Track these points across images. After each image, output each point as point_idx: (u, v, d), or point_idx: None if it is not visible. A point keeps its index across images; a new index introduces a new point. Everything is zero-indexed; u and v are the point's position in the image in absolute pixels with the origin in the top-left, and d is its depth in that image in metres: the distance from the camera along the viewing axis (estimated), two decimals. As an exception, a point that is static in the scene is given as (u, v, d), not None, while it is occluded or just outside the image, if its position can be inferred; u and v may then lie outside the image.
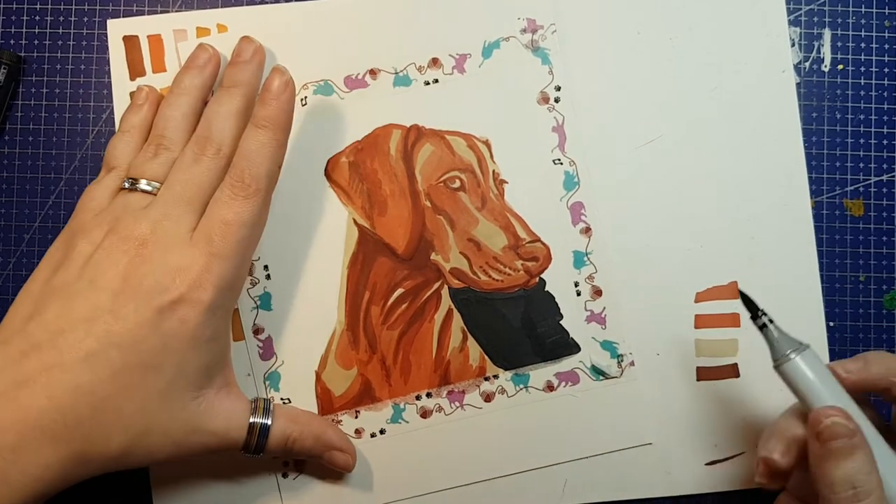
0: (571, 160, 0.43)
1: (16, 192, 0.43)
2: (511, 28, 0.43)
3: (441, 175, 0.42)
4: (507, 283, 0.42)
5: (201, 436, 0.36)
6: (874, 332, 0.44)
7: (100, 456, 0.34)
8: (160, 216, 0.36)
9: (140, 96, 0.40)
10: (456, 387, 0.42)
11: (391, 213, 0.42)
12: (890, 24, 0.44)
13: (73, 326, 0.34)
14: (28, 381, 0.33)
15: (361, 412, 0.42)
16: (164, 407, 0.35)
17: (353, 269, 0.42)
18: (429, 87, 0.43)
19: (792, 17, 0.43)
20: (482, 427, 0.42)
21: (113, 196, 0.38)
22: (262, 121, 0.37)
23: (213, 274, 0.35)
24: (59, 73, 0.43)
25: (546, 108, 0.43)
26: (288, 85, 0.38)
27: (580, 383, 0.42)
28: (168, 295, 0.35)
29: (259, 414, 0.38)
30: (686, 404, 0.42)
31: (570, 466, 0.42)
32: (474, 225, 0.42)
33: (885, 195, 0.44)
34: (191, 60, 0.40)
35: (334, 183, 0.42)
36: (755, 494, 0.43)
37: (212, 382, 0.37)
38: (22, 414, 0.33)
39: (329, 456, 0.40)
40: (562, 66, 0.43)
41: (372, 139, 0.42)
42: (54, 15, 0.43)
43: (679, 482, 0.42)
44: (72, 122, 0.43)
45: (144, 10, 0.43)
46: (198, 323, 0.35)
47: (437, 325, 0.42)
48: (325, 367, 0.42)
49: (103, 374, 0.34)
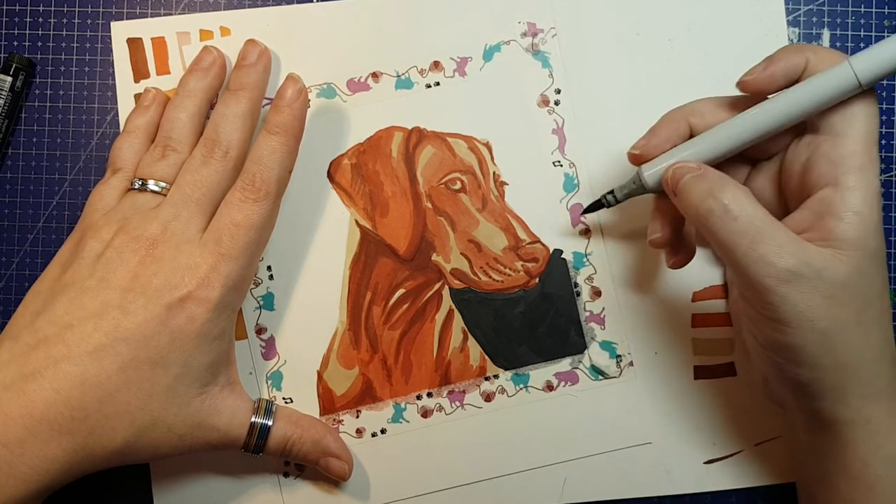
0: (571, 162, 0.43)
1: (20, 192, 0.43)
2: (511, 31, 0.43)
3: (442, 177, 0.43)
4: (507, 283, 0.43)
5: (204, 431, 0.37)
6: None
7: (105, 449, 0.35)
8: (170, 216, 0.37)
9: (147, 98, 0.41)
10: (456, 386, 0.42)
11: (393, 215, 0.43)
12: (889, 23, 0.44)
13: (81, 321, 0.34)
14: (35, 374, 0.34)
15: (363, 412, 0.42)
16: (169, 402, 0.35)
17: (355, 269, 0.42)
18: (430, 90, 0.43)
19: (791, 18, 0.44)
20: (482, 427, 0.42)
21: (121, 196, 0.38)
22: (275, 127, 0.38)
23: (221, 273, 0.36)
24: (63, 74, 0.43)
25: (546, 110, 0.43)
26: (301, 93, 0.39)
27: (579, 383, 0.42)
28: (177, 292, 0.35)
29: (260, 414, 0.39)
30: (684, 403, 0.43)
31: (570, 465, 0.42)
32: (475, 226, 0.43)
33: (884, 195, 0.44)
34: (196, 63, 0.41)
35: (337, 184, 0.43)
36: (754, 493, 0.43)
37: (216, 380, 0.37)
38: (29, 407, 0.33)
39: (325, 462, 0.40)
40: (562, 69, 0.43)
41: (374, 141, 0.43)
42: (58, 17, 0.44)
43: (678, 481, 0.43)
44: (76, 124, 0.43)
45: (148, 13, 0.43)
46: (205, 320, 0.35)
47: (437, 326, 0.42)
48: (326, 367, 0.42)
49: (111, 368, 0.34)
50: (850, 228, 0.31)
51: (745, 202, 0.32)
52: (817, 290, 0.31)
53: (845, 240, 0.32)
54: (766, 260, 0.31)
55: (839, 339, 0.32)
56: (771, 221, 0.32)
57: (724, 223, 0.32)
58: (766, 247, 0.31)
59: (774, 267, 0.31)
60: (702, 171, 0.34)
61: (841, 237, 0.32)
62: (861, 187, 0.32)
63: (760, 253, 0.31)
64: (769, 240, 0.31)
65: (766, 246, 0.31)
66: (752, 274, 0.32)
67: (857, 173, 0.32)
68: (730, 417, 0.43)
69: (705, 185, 0.33)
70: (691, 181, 0.33)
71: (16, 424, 0.33)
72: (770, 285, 0.31)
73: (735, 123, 0.35)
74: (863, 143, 0.32)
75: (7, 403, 0.33)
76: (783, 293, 0.31)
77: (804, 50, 0.34)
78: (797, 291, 0.31)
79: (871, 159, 0.32)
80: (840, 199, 0.32)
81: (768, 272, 0.31)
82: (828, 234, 0.32)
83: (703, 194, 0.33)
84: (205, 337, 0.36)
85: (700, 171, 0.34)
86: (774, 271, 0.31)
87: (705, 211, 0.32)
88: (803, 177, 0.33)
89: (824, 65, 0.33)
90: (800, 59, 0.33)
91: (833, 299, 0.31)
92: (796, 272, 0.31)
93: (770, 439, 0.43)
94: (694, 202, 0.33)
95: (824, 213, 0.32)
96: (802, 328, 0.32)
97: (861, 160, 0.32)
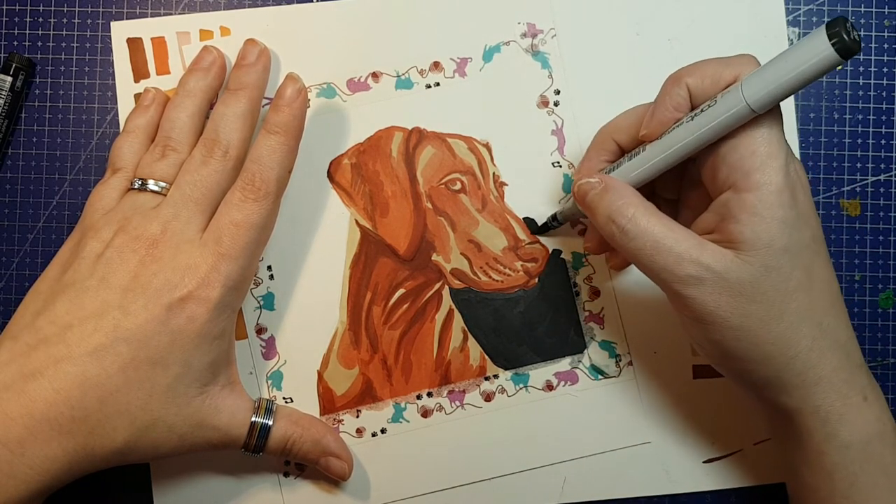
0: (570, 163, 0.43)
1: (20, 192, 0.43)
2: (511, 32, 0.43)
3: (442, 177, 0.43)
4: (507, 283, 0.43)
5: (205, 431, 0.37)
6: (869, 332, 0.44)
7: (105, 449, 0.35)
8: (170, 216, 0.37)
9: (147, 98, 0.41)
10: (456, 386, 0.42)
11: (393, 215, 0.43)
12: (889, 23, 0.44)
13: (81, 321, 0.34)
14: (36, 374, 0.34)
15: (363, 411, 0.42)
16: (169, 401, 0.35)
17: (356, 269, 0.43)
18: (430, 91, 0.43)
19: (791, 18, 0.44)
20: (482, 426, 0.42)
21: (121, 196, 0.38)
22: (275, 126, 0.38)
23: (220, 273, 0.36)
24: (63, 74, 0.43)
25: (546, 111, 0.43)
26: (300, 93, 0.39)
27: (579, 383, 0.43)
28: (177, 292, 0.35)
29: (261, 414, 0.39)
30: (683, 403, 0.43)
31: (569, 465, 0.42)
32: (475, 226, 0.43)
33: (882, 195, 0.44)
34: (196, 63, 0.41)
35: (337, 184, 0.43)
36: (753, 492, 0.43)
37: (216, 379, 0.37)
38: (30, 406, 0.33)
39: (325, 462, 0.40)
40: (561, 70, 0.43)
41: (374, 141, 0.43)
42: (58, 17, 0.44)
43: (677, 480, 0.43)
44: (76, 124, 0.43)
45: (148, 13, 0.43)
46: (205, 320, 0.36)
47: (437, 325, 0.43)
48: (326, 367, 0.42)
49: (111, 368, 0.34)
50: (748, 230, 0.32)
51: (641, 219, 0.34)
52: (723, 290, 0.33)
53: (744, 241, 0.32)
54: (666, 269, 0.33)
55: (758, 334, 0.33)
56: (669, 231, 0.33)
57: (624, 243, 0.34)
58: (663, 259, 0.33)
59: (675, 275, 0.33)
60: (602, 186, 0.35)
61: (740, 238, 0.32)
62: (758, 188, 0.32)
63: (660, 265, 0.33)
64: (666, 251, 0.33)
65: (663, 258, 0.33)
66: (660, 282, 0.34)
67: (755, 174, 0.32)
68: (729, 417, 0.43)
69: (605, 208, 0.35)
70: (595, 199, 0.35)
71: (16, 424, 0.33)
72: (677, 290, 0.33)
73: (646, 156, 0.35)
74: (761, 145, 0.32)
75: (7, 403, 0.33)
76: (689, 294, 0.33)
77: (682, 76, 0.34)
78: (702, 293, 0.33)
79: (772, 158, 0.32)
80: (737, 202, 0.32)
81: (671, 279, 0.33)
82: (728, 235, 0.33)
83: (605, 219, 0.35)
84: (205, 337, 0.36)
85: (601, 187, 0.35)
86: (676, 278, 0.33)
87: (608, 234, 0.35)
88: (713, 179, 0.34)
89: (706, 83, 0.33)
90: (680, 88, 0.34)
91: (741, 297, 0.32)
92: (696, 276, 0.33)
93: (769, 438, 0.43)
94: (599, 223, 0.35)
95: (725, 216, 0.33)
96: (718, 325, 0.33)
97: (759, 161, 0.32)
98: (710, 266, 0.32)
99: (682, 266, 0.33)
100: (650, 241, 0.33)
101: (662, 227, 0.33)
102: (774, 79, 0.31)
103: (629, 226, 0.34)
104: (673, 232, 0.33)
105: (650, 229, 0.33)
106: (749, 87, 0.31)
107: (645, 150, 0.35)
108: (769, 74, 0.31)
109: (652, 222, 0.34)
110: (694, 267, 0.32)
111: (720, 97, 0.32)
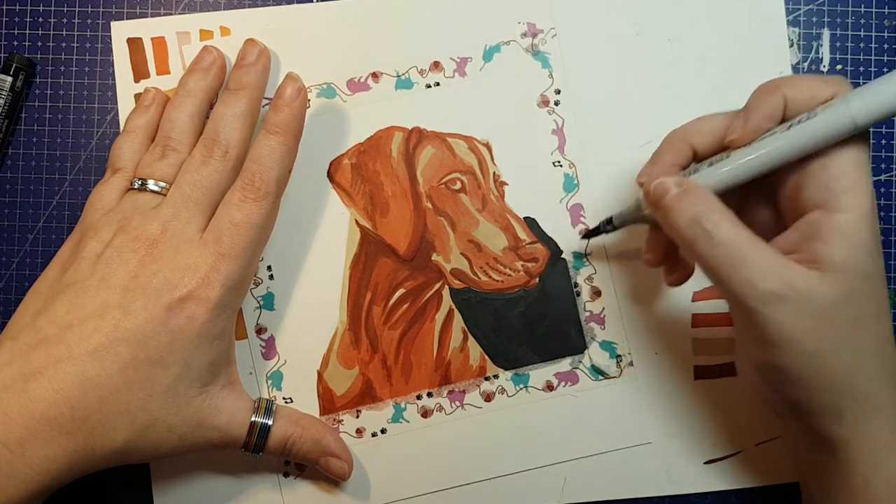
0: (571, 162, 0.43)
1: (20, 192, 0.43)
2: (511, 32, 0.43)
3: (442, 177, 0.43)
4: (507, 283, 0.43)
5: (205, 431, 0.37)
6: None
7: (105, 449, 0.35)
8: (170, 216, 0.37)
9: (147, 98, 0.41)
10: (456, 386, 0.42)
11: (393, 215, 0.43)
12: (889, 24, 0.44)
13: (81, 321, 0.34)
14: (36, 374, 0.34)
15: (363, 412, 0.42)
16: (169, 401, 0.35)
17: (355, 269, 0.42)
18: (430, 90, 0.43)
19: (791, 18, 0.44)
20: (482, 427, 0.42)
21: (121, 196, 0.38)
22: (274, 126, 0.38)
23: (220, 273, 0.36)
24: (63, 74, 0.43)
25: (546, 110, 0.43)
26: (300, 92, 0.39)
27: (579, 383, 0.43)
28: (177, 292, 0.35)
29: (261, 413, 0.39)
30: (684, 403, 0.43)
31: (570, 466, 0.42)
32: (475, 226, 0.43)
33: (882, 195, 0.44)
34: (196, 63, 0.41)
35: (337, 184, 0.43)
36: (754, 493, 0.43)
37: (216, 379, 0.37)
38: (30, 406, 0.33)
39: (325, 462, 0.40)
40: (561, 70, 0.43)
41: (374, 141, 0.43)
42: (58, 17, 0.44)
43: (678, 481, 0.43)
44: (76, 124, 0.43)
45: (148, 13, 0.43)
46: (205, 320, 0.36)
47: (437, 326, 0.42)
48: (326, 367, 0.42)
49: (111, 368, 0.34)
50: (836, 251, 0.31)
51: (727, 227, 0.32)
52: (803, 312, 0.31)
53: (831, 262, 0.31)
54: (749, 283, 0.31)
55: (829, 361, 0.32)
56: (754, 244, 0.32)
57: (707, 249, 0.32)
58: (748, 271, 0.31)
59: (757, 289, 0.31)
60: (684, 188, 0.34)
61: (827, 260, 0.31)
62: (848, 210, 0.31)
63: (743, 277, 0.31)
64: (752, 264, 0.31)
65: (748, 271, 0.31)
66: (737, 296, 0.32)
67: (846, 196, 0.31)
68: (730, 417, 0.43)
69: (689, 210, 0.33)
70: (673, 201, 0.33)
71: (16, 424, 0.33)
72: (754, 307, 0.31)
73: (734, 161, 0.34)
74: (853, 166, 0.32)
75: (7, 403, 0.33)
76: (767, 314, 0.31)
77: (779, 86, 0.33)
78: (782, 313, 0.31)
79: (862, 181, 0.32)
80: (827, 223, 0.32)
81: (752, 294, 0.31)
82: (814, 256, 0.32)
83: (688, 221, 0.33)
84: (205, 337, 0.36)
85: (682, 189, 0.34)
86: (757, 293, 0.31)
87: (690, 237, 0.33)
88: (795, 198, 0.33)
89: (804, 96, 0.33)
90: (777, 98, 0.33)
91: (820, 321, 0.31)
92: (780, 294, 0.31)
93: (770, 439, 0.43)
94: (679, 227, 0.33)
95: (812, 236, 0.32)
96: (790, 349, 0.32)
97: (850, 182, 0.32)
98: (795, 284, 0.31)
99: (766, 281, 0.31)
100: (735, 251, 0.32)
101: (748, 239, 0.32)
102: (885, 96, 0.30)
103: (716, 230, 0.32)
104: (758, 245, 0.32)
105: (736, 238, 0.32)
106: (856, 102, 0.31)
107: (730, 157, 0.34)
108: (879, 90, 0.31)
109: (738, 231, 0.32)
110: (778, 283, 0.31)
111: (821, 109, 0.32)
